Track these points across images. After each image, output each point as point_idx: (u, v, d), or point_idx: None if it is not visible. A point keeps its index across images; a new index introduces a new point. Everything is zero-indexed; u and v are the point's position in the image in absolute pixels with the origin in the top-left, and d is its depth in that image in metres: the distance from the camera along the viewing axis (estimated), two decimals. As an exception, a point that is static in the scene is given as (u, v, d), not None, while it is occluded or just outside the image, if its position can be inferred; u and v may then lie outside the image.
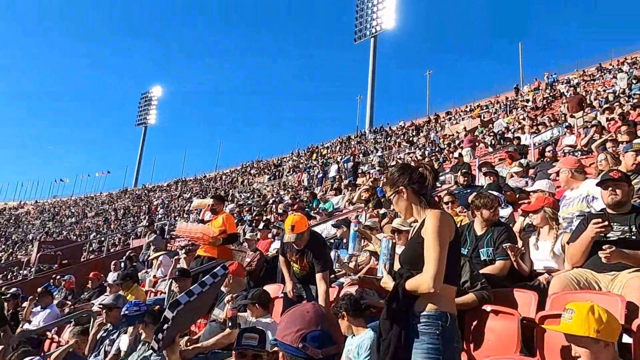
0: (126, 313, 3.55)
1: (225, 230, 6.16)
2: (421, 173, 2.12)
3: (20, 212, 58.30)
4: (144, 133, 74.54)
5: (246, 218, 13.42)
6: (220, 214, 6.42)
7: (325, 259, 3.86)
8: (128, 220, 37.33)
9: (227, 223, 6.23)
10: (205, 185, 47.12)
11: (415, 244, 1.95)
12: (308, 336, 1.17)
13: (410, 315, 1.84)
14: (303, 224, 3.86)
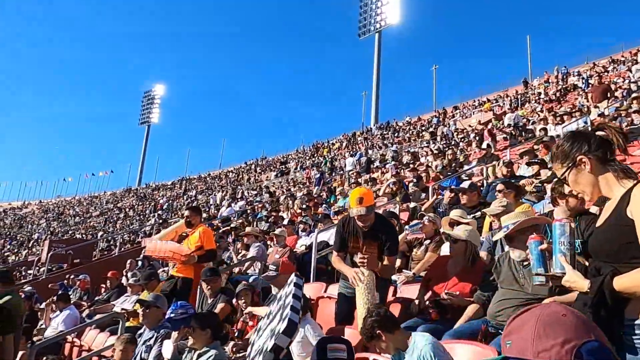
0: (172, 316, 3.18)
1: (202, 246, 5.36)
2: (602, 137, 1.63)
3: (25, 212, 58.07)
4: (147, 132, 74.26)
5: (260, 215, 13.07)
6: (197, 227, 5.61)
7: (397, 242, 3.48)
8: (134, 219, 37.03)
9: (204, 238, 5.42)
10: (210, 183, 46.81)
11: (618, 228, 1.46)
12: (583, 349, 0.83)
13: (616, 324, 1.39)
14: (371, 197, 3.43)
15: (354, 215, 3.39)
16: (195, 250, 5.25)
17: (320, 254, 5.91)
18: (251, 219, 13.05)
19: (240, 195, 25.70)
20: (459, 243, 3.30)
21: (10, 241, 40.74)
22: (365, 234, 3.49)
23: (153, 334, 3.70)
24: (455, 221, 3.89)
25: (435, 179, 9.24)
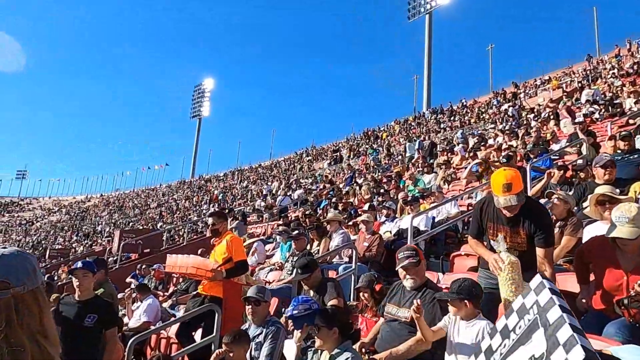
0: (294, 313, 2.79)
1: (231, 257, 4.55)
2: None
3: (88, 205, 60.88)
4: (198, 125, 75.87)
5: (325, 203, 12.66)
6: (224, 236, 4.78)
7: (552, 230, 2.86)
8: (190, 210, 37.82)
9: (233, 247, 4.59)
10: (262, 173, 47.13)
11: None
12: None
13: None
14: (519, 180, 2.80)
15: (502, 206, 2.79)
16: (222, 264, 4.48)
17: (416, 240, 5.38)
18: (317, 208, 12.69)
19: (296, 185, 25.51)
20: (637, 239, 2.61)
21: (76, 233, 42.70)
22: (509, 220, 2.90)
23: (262, 331, 3.33)
24: (607, 198, 3.26)
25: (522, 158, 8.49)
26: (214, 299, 4.40)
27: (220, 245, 4.69)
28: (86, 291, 3.57)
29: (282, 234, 7.50)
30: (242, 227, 10.68)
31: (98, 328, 3.40)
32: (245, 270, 4.86)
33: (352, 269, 5.10)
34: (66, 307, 3.52)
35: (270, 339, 3.27)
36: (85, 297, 3.57)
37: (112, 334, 3.45)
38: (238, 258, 4.55)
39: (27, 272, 1.11)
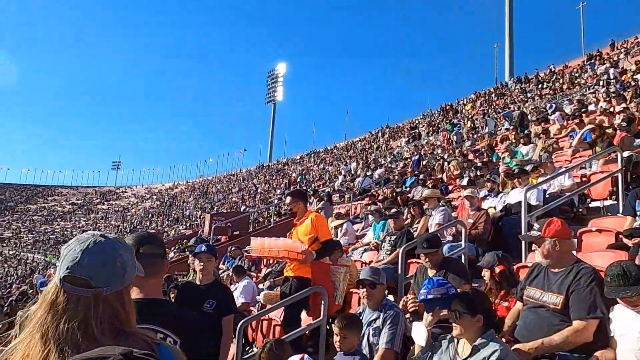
0: (429, 297, 2.50)
1: (317, 237, 4.36)
2: None
3: (175, 192, 64.56)
4: (273, 110, 77.30)
5: (411, 180, 12.16)
6: (307, 215, 4.55)
7: None
8: (270, 192, 38.71)
9: (317, 227, 4.39)
10: (338, 154, 47.09)
11: None
12: None
13: None
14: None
15: None
16: (310, 244, 4.31)
17: (530, 216, 4.84)
18: (401, 186, 12.24)
19: (374, 164, 25.06)
20: None
21: (167, 218, 45.43)
22: None
23: (378, 315, 3.08)
24: None
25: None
26: (301, 281, 4.29)
27: (304, 224, 4.49)
28: (208, 276, 3.51)
29: (374, 213, 7.22)
30: (327, 207, 10.53)
31: (216, 314, 3.33)
32: (333, 250, 4.69)
33: (461, 248, 4.70)
34: (186, 291, 3.50)
35: (390, 324, 3.01)
36: (206, 281, 3.50)
37: (228, 322, 3.36)
38: (324, 238, 4.40)
39: (115, 271, 1.06)
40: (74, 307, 1.01)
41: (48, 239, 50.19)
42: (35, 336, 1.00)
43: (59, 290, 1.02)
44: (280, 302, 4.16)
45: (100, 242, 1.07)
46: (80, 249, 1.04)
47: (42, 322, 1.00)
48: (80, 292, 1.02)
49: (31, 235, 56.28)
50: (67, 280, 1.02)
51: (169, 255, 17.55)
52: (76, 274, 1.02)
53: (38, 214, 69.98)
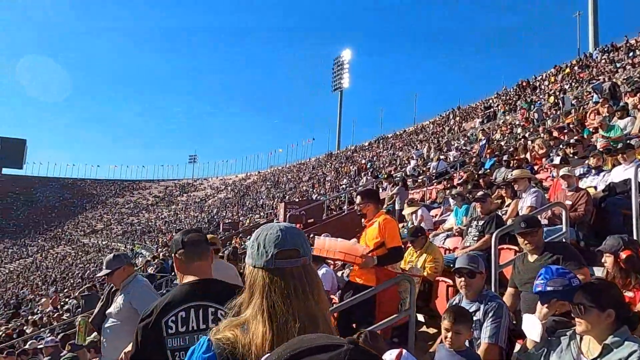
0: (547, 289, 2.22)
1: (384, 242, 4.00)
2: None
3: (248, 182, 66.58)
4: (340, 97, 77.11)
5: (491, 161, 11.50)
6: (376, 217, 4.19)
7: None
8: (339, 180, 38.73)
9: (385, 231, 4.03)
10: (407, 139, 46.12)
11: None
12: None
13: None
14: None
15: None
16: (374, 249, 3.96)
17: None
18: (480, 167, 11.62)
19: (447, 147, 24.16)
20: None
21: (242, 207, 46.97)
22: None
23: (478, 307, 2.82)
24: None
25: None
26: (366, 289, 3.89)
27: (372, 227, 4.15)
28: None
29: (456, 197, 6.84)
30: (403, 192, 10.22)
31: None
32: (399, 258, 4.26)
33: (562, 232, 4.26)
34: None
35: (492, 316, 2.74)
36: None
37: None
38: (392, 244, 4.00)
39: (308, 242, 1.17)
40: (290, 281, 1.10)
41: (135, 230, 53.80)
42: (258, 319, 1.09)
43: (268, 272, 1.11)
44: (336, 307, 3.87)
45: (285, 225, 1.21)
46: (276, 230, 1.16)
47: (262, 305, 1.09)
48: (292, 264, 1.12)
49: (120, 227, 60.66)
50: (278, 257, 1.12)
51: (247, 244, 18.06)
52: (286, 248, 1.12)
53: (125, 206, 75.25)
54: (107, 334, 3.32)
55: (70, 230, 67.72)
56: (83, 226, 68.15)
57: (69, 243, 58.68)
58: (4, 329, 13.92)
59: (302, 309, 1.09)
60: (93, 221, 69.90)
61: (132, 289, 3.36)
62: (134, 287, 3.39)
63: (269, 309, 1.09)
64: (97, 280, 19.14)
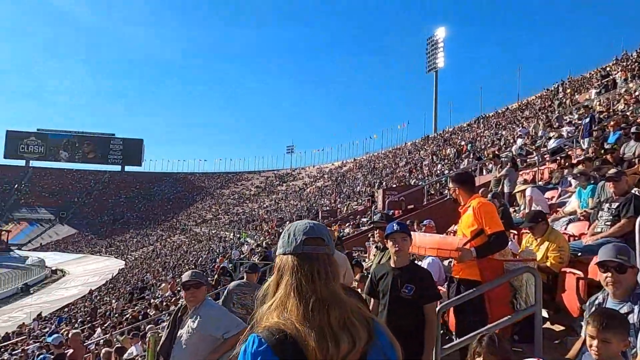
0: None
1: (482, 229, 3.50)
2: None
3: (344, 170, 67.01)
4: (435, 78, 74.25)
5: (615, 137, 10.15)
6: (469, 201, 3.70)
7: None
8: (437, 164, 37.36)
9: (482, 216, 3.52)
10: (511, 116, 43.15)
11: None
12: None
13: None
14: None
15: None
16: (471, 239, 3.49)
17: None
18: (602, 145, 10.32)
19: (557, 123, 22.04)
20: None
21: (339, 195, 47.40)
22: None
23: (631, 308, 2.34)
24: None
25: None
26: (469, 283, 3.51)
27: (466, 214, 3.69)
28: (404, 258, 3.15)
29: (579, 177, 6.06)
30: (512, 174, 9.40)
31: (416, 301, 2.98)
32: (502, 246, 3.66)
33: None
34: (383, 273, 3.22)
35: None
36: (401, 264, 3.14)
37: (431, 310, 3.00)
38: (491, 230, 3.49)
39: (331, 237, 1.31)
40: (316, 265, 1.23)
41: (240, 219, 56.82)
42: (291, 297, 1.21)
43: (296, 257, 1.25)
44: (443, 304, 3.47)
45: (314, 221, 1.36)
46: (305, 222, 1.32)
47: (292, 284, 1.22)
48: (319, 250, 1.27)
49: (227, 216, 64.50)
50: (305, 243, 1.27)
51: (345, 231, 18.08)
52: (313, 235, 1.28)
53: (231, 197, 79.89)
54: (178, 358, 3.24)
55: (183, 220, 73.52)
56: (195, 216, 73.59)
57: (183, 232, 63.73)
58: (131, 312, 15.35)
59: (325, 289, 1.22)
60: (203, 212, 75.19)
61: (205, 313, 3.27)
62: (208, 311, 3.29)
63: (297, 287, 1.21)
64: (208, 268, 20.40)
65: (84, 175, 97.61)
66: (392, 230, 3.14)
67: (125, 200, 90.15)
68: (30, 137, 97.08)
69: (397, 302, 3.00)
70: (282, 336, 1.14)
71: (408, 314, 2.96)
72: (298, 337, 1.13)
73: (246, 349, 1.16)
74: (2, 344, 20.77)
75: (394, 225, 3.17)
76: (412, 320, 2.94)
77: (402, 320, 2.93)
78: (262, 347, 1.13)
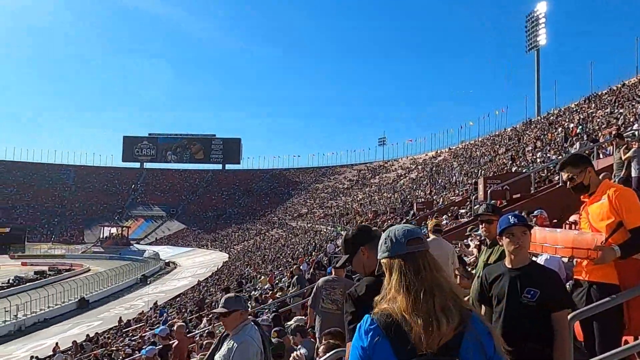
0: None
1: (621, 221, 2.78)
2: None
3: (439, 160, 64.76)
4: (537, 57, 68.85)
5: None
6: (600, 190, 2.96)
7: None
8: (544, 149, 34.54)
9: (621, 205, 2.81)
10: (628, 93, 38.65)
11: None
12: None
13: None
14: None
15: None
16: (609, 235, 2.80)
17: None
18: None
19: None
20: None
21: (434, 186, 45.90)
22: None
23: None
24: None
25: None
26: (603, 289, 2.86)
27: (597, 204, 2.99)
28: (523, 256, 2.61)
29: None
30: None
31: (541, 308, 2.44)
32: None
33: None
34: (497, 275, 2.74)
35: None
36: (520, 263, 2.59)
37: (562, 319, 2.44)
38: (636, 223, 2.80)
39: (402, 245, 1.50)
40: (419, 260, 1.47)
41: (334, 213, 57.39)
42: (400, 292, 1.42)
43: (402, 258, 1.47)
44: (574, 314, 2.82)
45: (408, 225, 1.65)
46: (402, 227, 1.56)
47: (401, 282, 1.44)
48: (419, 248, 1.49)
49: (321, 210, 65.52)
50: (408, 244, 1.49)
51: (443, 223, 17.27)
52: (413, 237, 1.51)
53: (324, 191, 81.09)
54: None
55: (280, 214, 76.11)
56: (291, 211, 75.82)
57: (280, 226, 65.94)
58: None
59: (429, 280, 1.42)
60: (298, 206, 77.21)
61: (234, 340, 3.16)
62: (235, 340, 3.17)
63: (406, 283, 1.42)
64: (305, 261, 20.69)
65: (190, 175, 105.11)
66: (508, 223, 2.60)
67: (226, 197, 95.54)
68: (143, 141, 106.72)
69: (517, 309, 2.48)
70: (389, 319, 1.37)
71: (531, 324, 2.45)
72: (403, 322, 1.35)
73: (360, 326, 1.42)
74: (124, 329, 22.91)
75: (510, 218, 2.63)
76: (537, 332, 2.46)
77: (523, 332, 2.44)
78: (373, 325, 1.39)
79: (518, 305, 2.48)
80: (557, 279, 2.59)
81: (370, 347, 1.37)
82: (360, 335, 1.41)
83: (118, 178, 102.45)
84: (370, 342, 1.37)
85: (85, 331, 24.28)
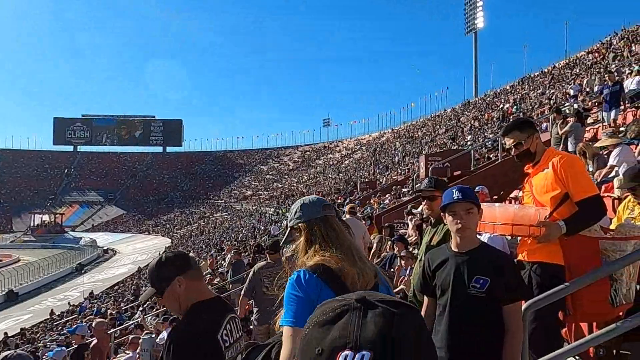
0: None
1: (568, 192, 2.51)
2: None
3: (382, 141, 65.60)
4: (474, 40, 70.81)
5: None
6: (545, 159, 2.65)
7: None
8: (481, 129, 35.64)
9: (567, 175, 2.51)
10: (558, 75, 40.49)
11: None
12: None
13: None
14: None
15: None
16: (554, 209, 2.50)
17: None
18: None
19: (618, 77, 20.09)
20: None
21: (377, 166, 46.42)
22: None
23: None
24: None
25: None
26: (546, 270, 2.54)
27: (541, 174, 2.66)
28: (470, 238, 2.21)
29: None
30: (578, 129, 8.29)
31: (492, 300, 2.09)
32: (601, 215, 2.64)
33: None
34: (441, 260, 2.39)
35: None
36: (468, 246, 2.19)
37: (514, 312, 2.10)
38: (582, 194, 2.49)
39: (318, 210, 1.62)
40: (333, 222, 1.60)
41: (279, 195, 56.88)
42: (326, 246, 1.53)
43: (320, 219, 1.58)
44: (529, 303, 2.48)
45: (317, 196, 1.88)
46: (314, 196, 1.78)
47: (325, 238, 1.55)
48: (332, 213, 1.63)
49: (266, 192, 64.78)
50: (324, 209, 1.61)
51: (385, 202, 17.30)
52: (327, 203, 1.66)
53: (269, 173, 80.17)
54: None
55: (224, 197, 74.55)
56: (235, 193, 74.44)
57: (225, 209, 64.61)
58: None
59: (347, 239, 1.58)
60: (243, 189, 75.94)
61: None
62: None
63: (329, 239, 1.56)
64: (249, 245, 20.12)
65: (129, 158, 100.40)
66: (451, 199, 2.19)
67: (168, 180, 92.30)
68: (76, 122, 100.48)
69: (465, 301, 2.13)
70: (325, 268, 1.46)
71: (480, 319, 2.10)
72: (337, 269, 1.45)
73: (294, 282, 1.44)
74: (56, 322, 21.52)
75: (453, 192, 2.20)
76: (486, 328, 2.09)
77: (471, 328, 2.10)
78: (310, 277, 1.44)
79: (465, 297, 2.11)
80: (509, 264, 2.25)
81: (315, 295, 1.39)
82: (300, 285, 1.43)
83: (49, 162, 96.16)
84: (315, 290, 1.40)
85: (12, 326, 22.69)
